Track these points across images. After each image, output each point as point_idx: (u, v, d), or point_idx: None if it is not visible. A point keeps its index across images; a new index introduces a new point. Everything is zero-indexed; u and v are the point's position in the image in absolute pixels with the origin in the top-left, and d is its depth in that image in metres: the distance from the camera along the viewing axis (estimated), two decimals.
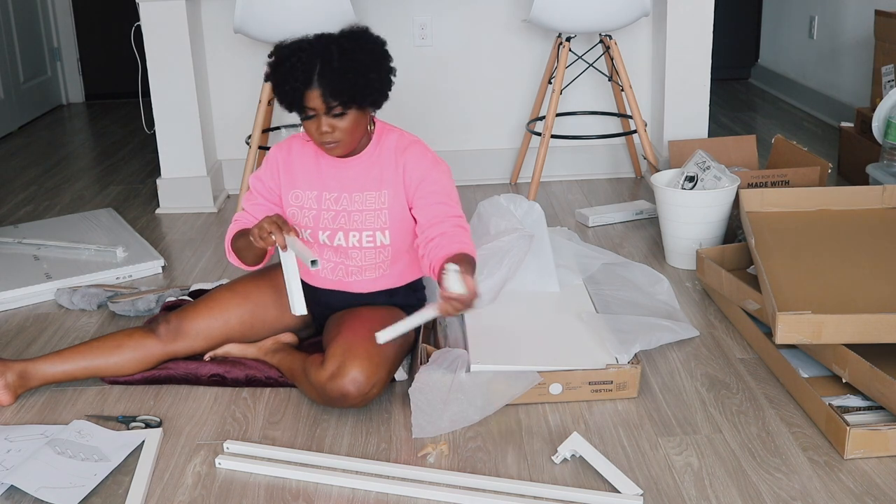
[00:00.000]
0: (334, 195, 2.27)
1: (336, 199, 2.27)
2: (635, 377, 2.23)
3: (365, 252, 2.29)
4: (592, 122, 3.97)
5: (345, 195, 2.27)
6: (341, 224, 2.27)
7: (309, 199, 2.29)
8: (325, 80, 2.09)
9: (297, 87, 2.10)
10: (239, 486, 1.95)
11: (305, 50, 2.12)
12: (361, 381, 2.10)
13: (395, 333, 2.03)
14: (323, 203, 2.28)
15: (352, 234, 2.27)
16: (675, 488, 1.90)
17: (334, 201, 2.27)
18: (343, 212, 2.27)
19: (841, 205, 2.81)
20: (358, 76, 2.12)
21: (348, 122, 2.15)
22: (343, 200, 2.27)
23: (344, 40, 2.15)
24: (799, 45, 5.33)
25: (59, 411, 2.25)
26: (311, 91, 2.10)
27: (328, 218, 2.27)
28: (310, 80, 2.09)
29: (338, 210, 2.27)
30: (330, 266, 2.33)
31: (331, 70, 2.09)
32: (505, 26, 3.90)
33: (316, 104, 2.11)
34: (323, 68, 2.09)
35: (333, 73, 2.09)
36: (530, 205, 2.68)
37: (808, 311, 2.11)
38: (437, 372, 2.20)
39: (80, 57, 6.09)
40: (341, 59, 2.10)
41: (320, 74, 2.09)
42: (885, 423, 2.00)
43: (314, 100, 2.10)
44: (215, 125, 3.95)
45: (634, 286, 2.78)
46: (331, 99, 2.10)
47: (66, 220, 3.62)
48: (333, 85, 2.09)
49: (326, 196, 2.28)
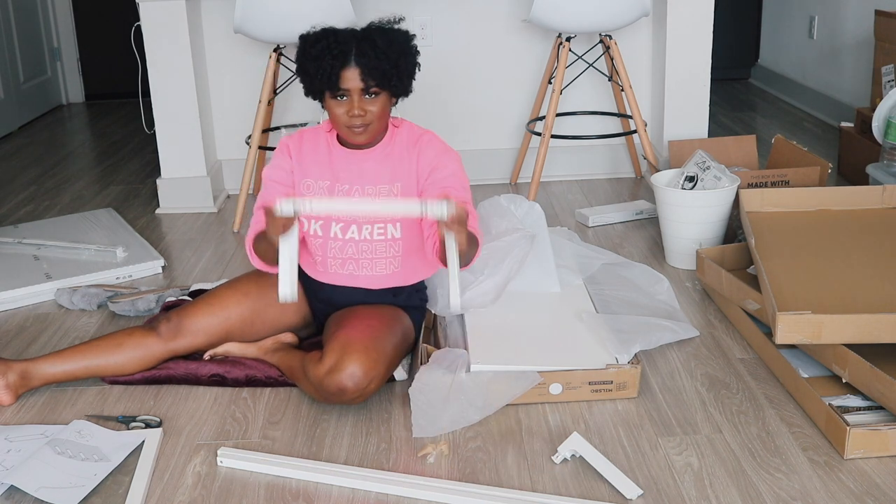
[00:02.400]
0: (346, 187, 2.28)
1: (348, 191, 2.28)
2: (635, 377, 2.23)
3: (376, 245, 2.29)
4: (592, 122, 3.97)
5: (356, 187, 2.27)
6: (354, 217, 2.28)
7: (321, 188, 2.29)
8: (363, 59, 2.13)
9: (334, 65, 2.13)
10: (239, 487, 1.95)
11: (339, 33, 2.17)
12: (359, 376, 2.10)
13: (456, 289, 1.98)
14: (335, 194, 2.28)
15: (364, 227, 2.28)
16: (675, 488, 1.90)
17: (346, 193, 2.28)
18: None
19: (841, 205, 2.81)
20: (396, 57, 2.17)
21: (379, 105, 2.19)
22: (355, 192, 2.27)
23: (378, 30, 2.21)
24: (799, 45, 5.33)
25: (59, 411, 2.25)
26: (348, 69, 2.13)
27: None
28: (347, 57, 2.13)
29: None
30: (339, 261, 2.32)
31: (371, 48, 2.14)
32: (505, 26, 3.90)
33: (352, 83, 2.14)
34: (361, 47, 2.14)
35: (374, 51, 2.14)
36: (530, 205, 2.68)
37: (808, 311, 2.11)
38: (437, 372, 2.20)
39: (80, 57, 6.09)
40: (380, 39, 2.16)
41: (358, 53, 2.13)
42: (885, 423, 2.00)
43: (351, 79, 2.14)
44: (215, 125, 3.95)
45: (634, 286, 2.78)
46: (369, 77, 2.13)
47: (66, 220, 3.62)
48: (373, 63, 2.13)
49: (339, 187, 2.28)
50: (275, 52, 3.51)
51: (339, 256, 2.31)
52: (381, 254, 2.30)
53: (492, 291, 2.48)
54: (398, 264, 2.32)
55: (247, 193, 3.56)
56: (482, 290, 2.47)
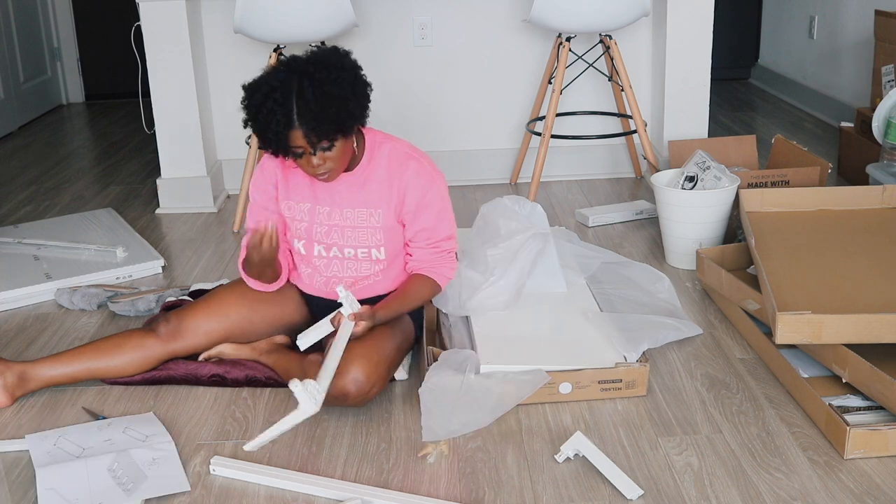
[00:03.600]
0: (326, 209, 2.27)
1: (328, 213, 2.27)
2: (644, 375, 2.23)
3: (360, 263, 2.31)
4: (592, 122, 3.97)
5: (336, 210, 2.27)
6: (335, 240, 2.28)
7: (301, 211, 2.29)
8: (304, 119, 2.03)
9: (279, 131, 2.05)
10: (239, 487, 1.94)
11: (278, 89, 2.04)
12: (361, 381, 2.11)
13: (268, 437, 1.99)
14: (316, 217, 2.28)
15: (346, 251, 2.29)
16: (675, 488, 1.90)
17: (326, 216, 2.27)
18: (336, 227, 2.27)
19: (841, 205, 2.81)
20: (338, 108, 2.06)
21: (337, 151, 2.12)
22: (335, 216, 2.27)
23: (314, 70, 2.06)
24: (799, 45, 5.33)
25: (59, 411, 2.25)
26: (293, 131, 2.04)
27: (321, 232, 2.28)
28: (290, 121, 2.03)
29: (330, 225, 2.27)
30: (322, 280, 2.34)
31: (307, 107, 2.02)
32: (505, 26, 3.89)
33: (301, 143, 2.06)
34: (301, 107, 2.02)
35: (311, 110, 2.03)
36: (533, 206, 2.68)
37: (808, 311, 2.11)
38: (446, 373, 2.20)
39: (80, 57, 6.09)
40: (316, 93, 2.03)
41: (299, 114, 2.02)
42: (885, 423, 2.00)
43: (299, 139, 2.06)
44: (215, 125, 3.95)
45: (636, 285, 2.79)
46: (314, 137, 2.05)
47: (66, 220, 3.62)
48: (315, 122, 2.03)
49: (319, 210, 2.28)
50: (275, 52, 3.51)
51: (324, 273, 2.33)
52: (363, 270, 2.31)
53: (504, 293, 2.47)
54: (380, 275, 2.33)
55: (247, 193, 3.56)
56: (494, 291, 2.46)
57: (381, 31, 3.87)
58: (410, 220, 2.27)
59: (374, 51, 3.87)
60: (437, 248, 2.30)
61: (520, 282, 2.51)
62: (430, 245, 2.30)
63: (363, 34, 3.84)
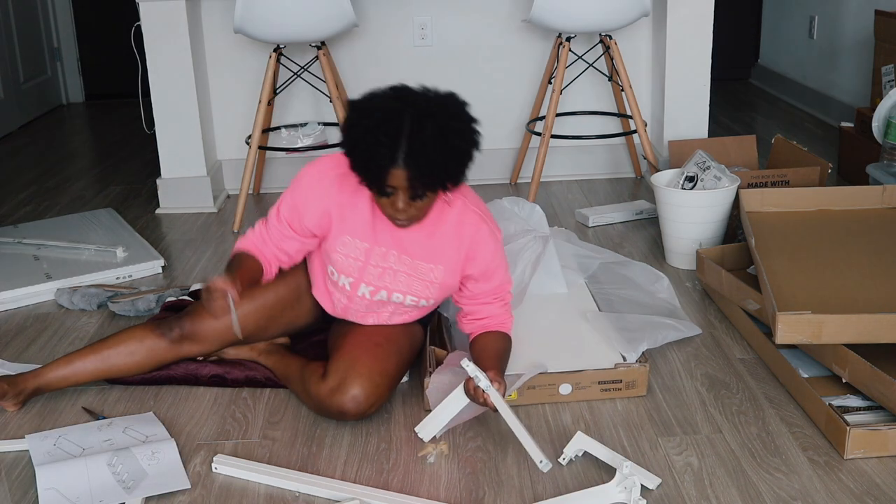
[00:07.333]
0: (383, 250, 2.11)
1: (384, 255, 2.11)
2: (644, 375, 2.23)
3: (404, 309, 2.22)
4: (592, 122, 3.97)
5: (393, 253, 2.11)
6: (386, 283, 2.15)
7: (357, 249, 2.12)
8: (413, 161, 1.83)
9: (381, 164, 1.85)
10: (239, 487, 1.95)
11: (395, 119, 1.84)
12: (361, 400, 2.08)
13: (439, 427, 2.04)
14: (372, 258, 2.12)
15: (395, 295, 2.16)
16: (675, 488, 1.90)
17: (382, 257, 2.12)
18: (390, 270, 2.13)
19: (841, 205, 2.81)
20: (456, 160, 1.88)
21: (427, 203, 1.94)
22: (391, 258, 2.12)
23: (438, 109, 1.86)
24: (799, 45, 5.33)
25: (59, 411, 2.25)
26: (395, 170, 1.84)
27: (374, 274, 2.14)
28: (395, 157, 1.83)
29: (385, 267, 2.13)
30: (361, 313, 2.23)
31: (423, 149, 1.83)
32: (505, 26, 3.89)
33: (399, 183, 1.87)
34: (412, 146, 1.83)
35: (425, 153, 1.83)
36: (532, 207, 2.68)
37: (808, 311, 2.11)
38: (450, 373, 2.20)
39: (80, 57, 6.09)
40: (435, 135, 1.83)
41: (408, 153, 1.83)
42: (885, 423, 2.00)
43: (398, 178, 1.86)
44: (215, 125, 3.95)
45: (635, 285, 2.79)
46: (417, 183, 1.86)
47: (66, 220, 3.62)
48: (424, 168, 1.85)
49: (377, 250, 2.11)
50: (275, 52, 3.51)
51: (362, 310, 2.23)
52: (403, 315, 2.24)
53: None
54: (417, 314, 2.26)
55: (247, 193, 3.56)
56: None
57: (381, 31, 3.87)
58: (480, 280, 2.15)
59: (374, 51, 3.87)
60: (503, 299, 2.22)
61: (521, 285, 2.51)
62: (497, 299, 2.21)
63: (363, 34, 3.84)
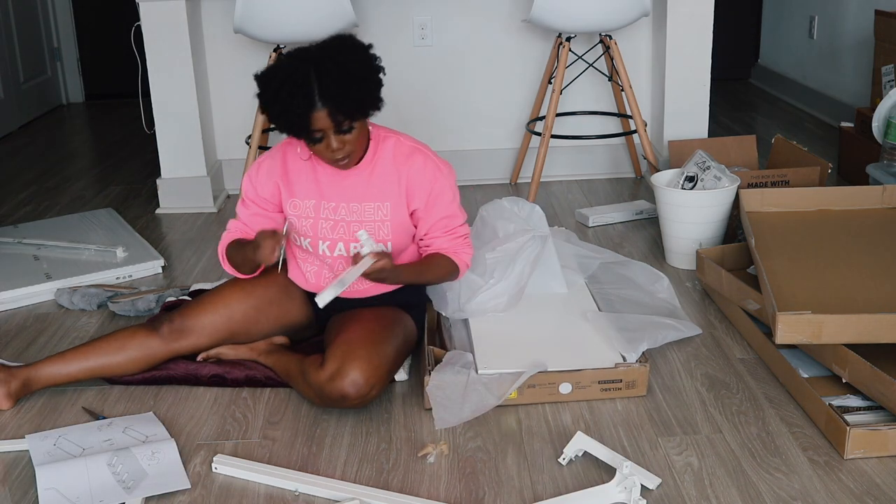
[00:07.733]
0: (332, 204, 2.26)
1: (334, 208, 2.26)
2: (644, 375, 2.23)
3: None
4: (592, 122, 3.97)
5: (343, 205, 2.25)
6: (340, 234, 2.27)
7: (306, 207, 2.27)
8: (328, 98, 2.02)
9: (301, 113, 2.03)
10: (239, 487, 1.95)
11: (298, 70, 2.03)
12: (361, 383, 2.10)
13: (335, 293, 2.08)
14: (321, 212, 2.26)
15: (352, 245, 2.27)
16: (675, 488, 1.90)
17: (332, 211, 2.26)
18: (342, 222, 2.26)
19: (841, 205, 2.81)
20: (360, 85, 2.06)
21: (356, 133, 2.12)
22: (341, 210, 2.26)
23: (333, 52, 2.08)
24: (799, 45, 5.33)
25: (59, 411, 2.25)
26: (316, 112, 2.03)
27: (326, 227, 2.27)
28: (312, 101, 2.02)
29: (336, 220, 2.26)
30: (329, 278, 2.32)
31: (332, 85, 2.02)
32: (505, 26, 3.89)
33: (323, 124, 2.05)
34: (323, 86, 2.02)
35: (336, 87, 2.02)
36: (531, 207, 2.68)
37: (808, 311, 2.11)
38: (451, 371, 2.21)
39: (80, 57, 6.09)
40: (339, 71, 2.03)
41: (321, 93, 2.02)
42: (885, 423, 2.00)
43: (321, 120, 2.04)
44: (215, 125, 3.95)
45: (635, 284, 2.79)
46: (339, 115, 2.04)
47: (66, 220, 3.62)
48: (339, 100, 2.03)
49: (325, 205, 2.26)
50: (275, 52, 3.51)
51: (329, 274, 2.33)
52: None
53: (504, 295, 2.47)
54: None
55: None
56: (494, 293, 2.46)
57: (381, 31, 3.87)
58: (423, 213, 2.27)
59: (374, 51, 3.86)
60: (454, 233, 2.30)
61: (519, 284, 2.50)
62: (447, 233, 2.30)
63: (363, 34, 3.82)
